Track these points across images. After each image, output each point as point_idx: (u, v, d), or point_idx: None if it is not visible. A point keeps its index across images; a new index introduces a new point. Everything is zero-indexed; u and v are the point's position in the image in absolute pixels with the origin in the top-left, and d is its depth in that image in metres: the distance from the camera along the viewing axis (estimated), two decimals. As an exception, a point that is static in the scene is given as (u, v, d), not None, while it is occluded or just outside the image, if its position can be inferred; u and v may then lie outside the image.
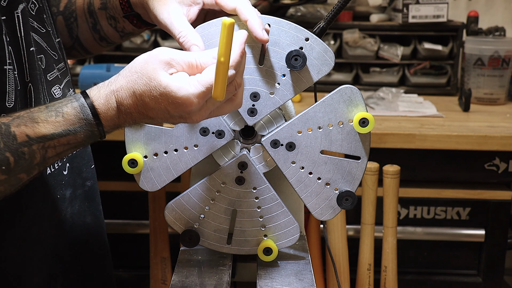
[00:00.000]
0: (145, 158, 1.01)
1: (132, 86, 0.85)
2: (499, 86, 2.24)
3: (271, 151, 1.01)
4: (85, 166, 1.14)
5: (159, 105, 0.84)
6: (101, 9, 1.16)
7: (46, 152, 0.86)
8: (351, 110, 0.99)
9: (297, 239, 1.05)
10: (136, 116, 0.87)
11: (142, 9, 1.08)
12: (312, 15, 2.34)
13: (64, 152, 0.88)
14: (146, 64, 0.85)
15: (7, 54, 0.93)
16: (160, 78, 0.83)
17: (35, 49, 1.00)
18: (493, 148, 1.83)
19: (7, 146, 0.83)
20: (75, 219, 1.12)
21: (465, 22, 2.38)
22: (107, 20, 1.17)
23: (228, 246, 1.06)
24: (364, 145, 1.01)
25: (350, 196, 1.02)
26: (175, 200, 1.05)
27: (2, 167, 0.83)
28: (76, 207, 1.12)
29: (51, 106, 0.87)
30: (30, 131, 0.85)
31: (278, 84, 0.98)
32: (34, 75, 0.99)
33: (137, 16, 1.11)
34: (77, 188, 1.12)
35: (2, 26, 0.93)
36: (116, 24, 1.16)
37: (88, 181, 1.15)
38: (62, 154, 0.89)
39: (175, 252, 1.19)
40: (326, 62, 0.98)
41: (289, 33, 0.97)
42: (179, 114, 0.85)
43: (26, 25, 0.98)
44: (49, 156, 0.87)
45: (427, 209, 1.96)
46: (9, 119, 0.85)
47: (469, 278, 2.01)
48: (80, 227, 1.14)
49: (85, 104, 0.86)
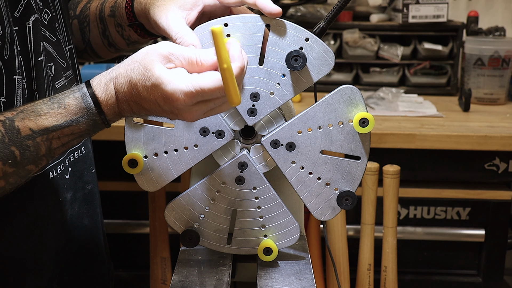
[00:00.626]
0: (145, 158, 1.01)
1: (130, 74, 0.86)
2: (499, 86, 2.24)
3: (271, 151, 1.01)
4: (87, 170, 1.16)
5: (150, 95, 0.84)
6: (110, 16, 1.18)
7: (50, 143, 0.88)
8: (351, 110, 0.99)
9: (297, 239, 1.05)
10: (133, 106, 0.87)
11: (145, 19, 1.09)
12: (312, 15, 2.34)
13: (70, 142, 0.90)
14: (146, 55, 0.86)
15: (17, 64, 0.96)
16: (154, 69, 0.84)
17: (44, 58, 1.02)
18: (493, 148, 1.83)
19: (11, 140, 0.85)
20: (73, 221, 1.13)
21: (465, 22, 2.38)
22: (115, 27, 1.18)
23: (228, 246, 1.06)
24: (364, 145, 1.01)
25: (350, 196, 1.02)
26: (175, 200, 1.05)
27: (9, 160, 0.86)
28: (76, 209, 1.14)
29: (54, 98, 0.89)
30: (33, 124, 0.86)
31: (278, 84, 0.98)
32: (40, 84, 1.01)
33: (141, 26, 1.13)
34: (78, 191, 1.14)
35: (14, 36, 0.95)
36: (122, 31, 1.18)
37: (88, 184, 1.16)
38: (68, 144, 0.90)
39: (175, 252, 1.19)
40: (326, 62, 0.98)
41: (289, 34, 0.97)
42: (169, 109, 0.85)
43: (36, 35, 1.00)
44: (55, 147, 0.89)
45: (427, 209, 1.96)
46: (13, 114, 0.87)
47: (469, 278, 2.01)
48: (77, 229, 1.15)
49: (86, 94, 0.87)
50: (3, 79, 0.94)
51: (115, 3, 1.17)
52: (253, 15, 0.97)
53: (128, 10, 1.12)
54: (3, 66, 0.94)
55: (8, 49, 0.94)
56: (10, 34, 0.94)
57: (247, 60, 0.87)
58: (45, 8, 1.05)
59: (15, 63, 0.96)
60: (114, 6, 1.17)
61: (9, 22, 0.94)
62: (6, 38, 0.93)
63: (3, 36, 0.93)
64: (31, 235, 1.04)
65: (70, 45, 1.12)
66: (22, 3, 0.98)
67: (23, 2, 0.98)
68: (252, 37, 0.96)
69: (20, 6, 0.98)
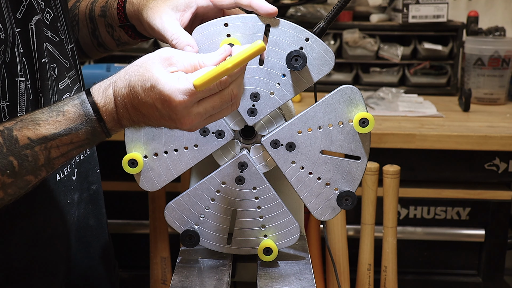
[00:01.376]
0: (145, 158, 1.01)
1: (129, 77, 0.85)
2: (499, 86, 2.24)
3: (271, 151, 1.01)
4: (91, 170, 1.15)
5: (148, 98, 0.83)
6: (101, 16, 1.17)
7: (49, 153, 0.86)
8: (351, 110, 0.99)
9: (297, 239, 1.05)
10: (131, 111, 0.85)
11: (137, 21, 1.09)
12: (312, 15, 2.34)
13: (70, 152, 0.88)
14: (147, 58, 0.85)
15: (19, 66, 0.95)
16: (154, 70, 0.83)
17: (48, 59, 1.01)
18: (493, 148, 1.83)
19: (9, 150, 0.84)
20: (80, 222, 1.13)
21: (465, 22, 2.38)
22: (105, 27, 1.17)
23: (228, 246, 1.06)
24: (364, 145, 1.01)
25: (350, 196, 1.02)
26: (175, 200, 1.05)
27: (7, 171, 0.84)
28: (82, 210, 1.13)
29: (53, 106, 0.87)
30: (31, 133, 0.85)
31: (278, 84, 0.98)
32: (45, 85, 1.00)
33: (132, 27, 1.12)
34: (83, 191, 1.13)
35: (16, 39, 0.94)
36: (113, 32, 1.17)
37: (93, 185, 1.16)
38: (68, 154, 0.88)
39: (175, 252, 1.19)
40: (326, 62, 0.98)
41: (289, 34, 0.97)
42: (168, 113, 0.83)
43: (39, 36, 0.99)
44: (54, 156, 0.87)
45: (427, 209, 1.96)
46: (12, 123, 0.86)
47: (469, 278, 2.01)
48: (83, 229, 1.14)
49: (85, 100, 0.86)
50: (6, 82, 0.93)
51: (106, 3, 1.16)
52: (253, 15, 0.97)
53: (119, 11, 1.11)
54: (5, 70, 0.93)
55: (10, 51, 0.93)
56: (12, 37, 0.93)
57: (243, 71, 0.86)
58: (47, 8, 1.04)
59: (17, 66, 0.95)
60: (105, 6, 1.16)
61: (11, 25, 0.93)
62: (8, 41, 0.92)
63: (5, 39, 0.92)
64: (40, 239, 1.03)
65: (71, 44, 1.12)
66: (24, 4, 0.97)
67: (25, 3, 0.97)
68: (253, 37, 0.96)
69: (22, 7, 0.97)
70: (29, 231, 1.02)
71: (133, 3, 1.08)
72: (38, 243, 1.03)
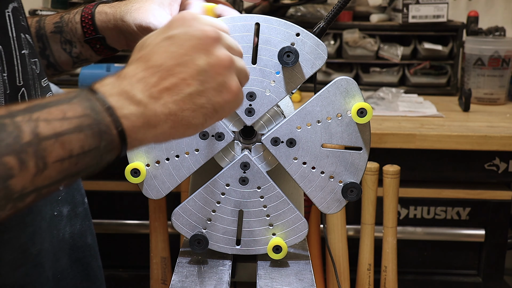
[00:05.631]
0: (147, 167, 1.01)
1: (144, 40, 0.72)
2: (499, 86, 2.24)
3: (272, 149, 1.01)
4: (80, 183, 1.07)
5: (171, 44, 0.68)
6: (55, 32, 1.07)
7: (36, 126, 0.61)
8: (349, 101, 0.99)
9: (306, 234, 1.05)
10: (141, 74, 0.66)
11: (112, 31, 1.03)
12: (312, 15, 2.34)
13: (64, 134, 0.62)
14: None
15: None
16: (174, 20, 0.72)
17: (28, 51, 0.91)
18: (493, 148, 1.83)
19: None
20: (76, 240, 1.04)
21: (465, 22, 2.38)
22: (61, 44, 1.08)
23: (237, 248, 1.06)
24: (364, 135, 1.00)
25: (354, 188, 1.02)
26: (181, 206, 1.04)
27: None
28: (77, 227, 1.04)
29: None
30: (15, 106, 0.63)
31: (273, 82, 0.99)
32: (27, 79, 0.90)
33: (102, 40, 1.05)
34: (77, 205, 1.04)
35: None
36: (71, 49, 1.08)
37: (85, 198, 1.08)
38: (60, 136, 0.62)
39: (175, 252, 1.19)
40: (319, 55, 0.98)
41: (279, 30, 0.97)
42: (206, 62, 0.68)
43: (17, 25, 0.90)
44: (43, 134, 0.61)
45: (427, 209, 1.96)
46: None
47: (469, 278, 2.01)
48: (81, 249, 1.05)
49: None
50: None
51: (61, 19, 1.07)
52: (242, 15, 0.97)
53: (86, 24, 1.04)
54: None
55: None
56: None
57: None
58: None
59: None
60: (60, 21, 1.07)
61: None
62: None
63: None
64: (27, 256, 0.92)
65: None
66: None
67: None
68: (243, 37, 0.97)
69: None
70: (18, 247, 0.90)
71: (106, 12, 1.03)
72: (25, 261, 0.92)
